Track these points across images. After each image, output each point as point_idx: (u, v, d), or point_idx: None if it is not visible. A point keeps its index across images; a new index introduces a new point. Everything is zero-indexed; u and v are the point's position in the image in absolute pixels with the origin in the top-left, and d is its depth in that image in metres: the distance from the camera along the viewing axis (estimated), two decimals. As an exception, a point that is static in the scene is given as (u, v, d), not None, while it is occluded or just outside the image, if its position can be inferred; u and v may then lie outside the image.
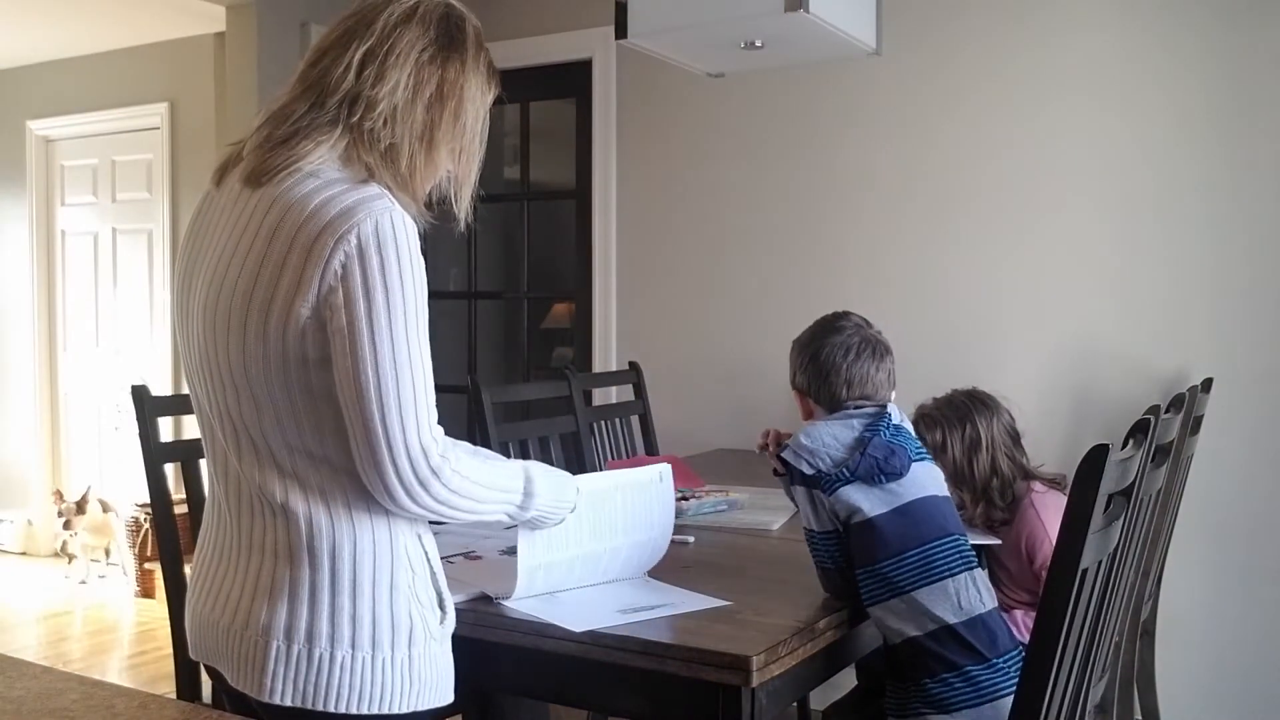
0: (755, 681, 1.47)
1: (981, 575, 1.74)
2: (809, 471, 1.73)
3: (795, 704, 3.09)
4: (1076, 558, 1.48)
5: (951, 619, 1.65)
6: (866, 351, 1.84)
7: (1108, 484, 1.51)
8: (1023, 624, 2.21)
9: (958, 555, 1.69)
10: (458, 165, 1.46)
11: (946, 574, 1.66)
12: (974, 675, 1.64)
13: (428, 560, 1.43)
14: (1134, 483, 1.76)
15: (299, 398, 1.33)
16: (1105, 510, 1.65)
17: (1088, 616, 1.70)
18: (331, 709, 1.35)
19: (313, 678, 1.35)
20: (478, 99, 1.46)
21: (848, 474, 1.70)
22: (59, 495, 5.25)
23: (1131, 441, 1.76)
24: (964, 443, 2.28)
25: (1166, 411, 2.14)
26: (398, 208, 1.34)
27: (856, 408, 1.82)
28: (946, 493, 1.80)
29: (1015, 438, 2.35)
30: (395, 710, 1.38)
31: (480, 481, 1.40)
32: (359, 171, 1.36)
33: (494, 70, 1.50)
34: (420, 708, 1.41)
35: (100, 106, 5.45)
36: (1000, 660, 1.67)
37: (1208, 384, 2.95)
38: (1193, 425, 2.75)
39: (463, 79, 1.43)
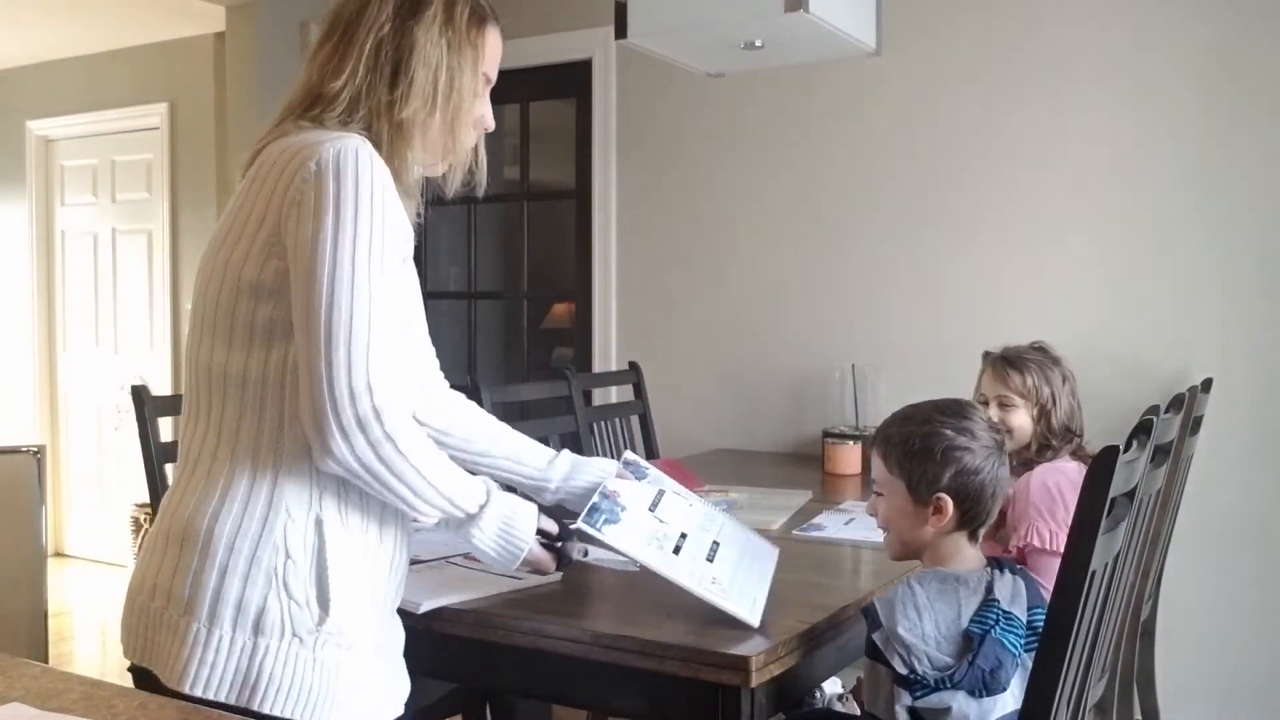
0: (755, 681, 1.46)
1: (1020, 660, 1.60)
2: (903, 671, 1.50)
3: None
4: (1086, 560, 1.47)
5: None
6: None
7: (1116, 486, 1.51)
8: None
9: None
10: (442, 134, 1.42)
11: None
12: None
13: (316, 552, 1.29)
14: (1136, 484, 1.75)
15: (238, 329, 1.31)
16: (1109, 513, 1.64)
17: (1092, 618, 1.70)
18: (167, 683, 1.27)
19: (155, 638, 1.29)
20: (434, 57, 1.39)
21: (948, 684, 1.50)
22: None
23: (1135, 443, 1.76)
24: (1054, 385, 2.32)
25: (1166, 411, 2.13)
26: (368, 145, 1.30)
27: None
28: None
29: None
30: (241, 703, 1.25)
31: (422, 467, 1.31)
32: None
33: (474, 18, 1.43)
34: (286, 715, 1.28)
35: (100, 106, 5.44)
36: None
37: (1208, 384, 2.95)
38: (1193, 425, 2.75)
39: (416, 39, 1.38)
